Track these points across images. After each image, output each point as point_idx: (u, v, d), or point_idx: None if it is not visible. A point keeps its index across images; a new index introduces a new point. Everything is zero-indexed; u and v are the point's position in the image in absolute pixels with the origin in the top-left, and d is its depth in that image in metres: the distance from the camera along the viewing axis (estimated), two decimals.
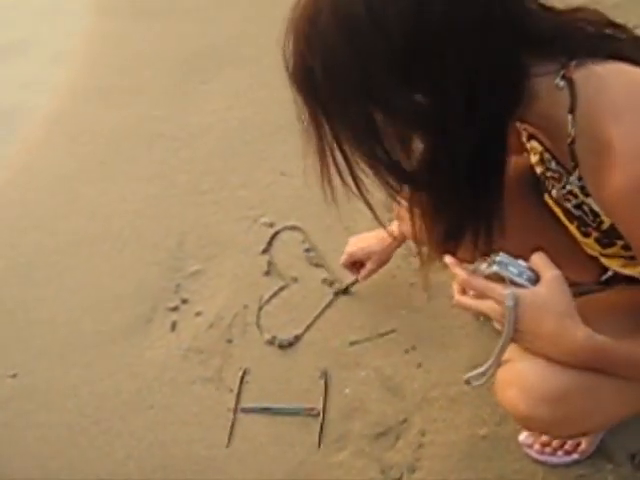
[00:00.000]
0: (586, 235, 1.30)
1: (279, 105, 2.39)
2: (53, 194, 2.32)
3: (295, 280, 1.95)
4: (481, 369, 1.22)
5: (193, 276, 2.01)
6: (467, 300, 1.20)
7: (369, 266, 1.86)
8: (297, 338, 1.84)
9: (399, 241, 1.79)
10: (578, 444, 1.56)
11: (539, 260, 1.15)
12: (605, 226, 1.22)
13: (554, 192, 1.28)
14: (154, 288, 2.01)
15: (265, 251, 2.01)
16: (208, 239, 2.08)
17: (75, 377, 1.89)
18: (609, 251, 1.30)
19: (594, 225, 1.25)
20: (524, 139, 1.31)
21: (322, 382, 1.75)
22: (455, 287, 1.22)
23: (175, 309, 1.95)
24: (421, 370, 1.73)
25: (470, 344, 1.74)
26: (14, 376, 1.91)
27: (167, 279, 2.02)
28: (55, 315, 2.02)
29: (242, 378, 1.79)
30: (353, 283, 1.93)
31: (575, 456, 1.57)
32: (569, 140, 1.09)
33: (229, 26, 2.79)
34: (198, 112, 2.47)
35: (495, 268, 1.15)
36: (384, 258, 1.86)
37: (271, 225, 2.07)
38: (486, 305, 1.17)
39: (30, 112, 2.65)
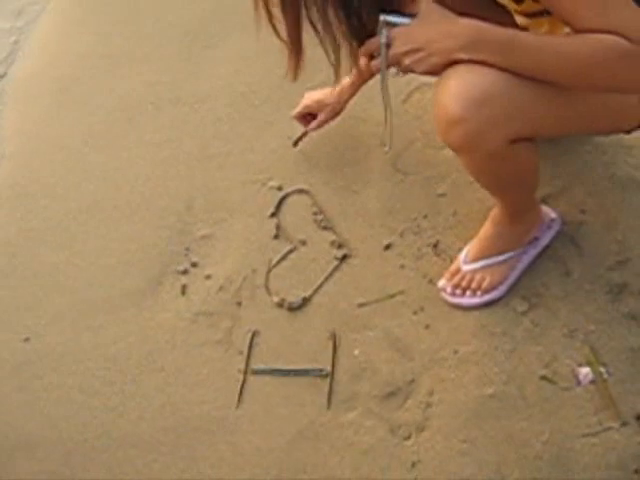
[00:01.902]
0: None
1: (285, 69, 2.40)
2: (62, 161, 2.33)
3: (303, 243, 1.96)
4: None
5: (202, 240, 2.02)
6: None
7: (321, 117, 2.02)
8: (306, 300, 1.85)
9: (351, 90, 1.97)
10: (481, 284, 1.73)
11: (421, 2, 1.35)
12: None
13: None
14: (163, 252, 2.02)
15: (273, 214, 2.02)
16: (216, 203, 2.09)
17: (87, 341, 1.91)
18: (524, 6, 1.46)
19: None
20: None
21: (331, 343, 1.77)
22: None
23: (185, 272, 1.96)
24: (429, 331, 1.75)
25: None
26: (27, 340, 1.94)
27: (176, 243, 2.03)
28: (66, 280, 2.04)
29: (251, 340, 1.81)
30: (303, 135, 2.08)
31: (482, 297, 1.74)
32: None
33: None
34: (205, 77, 2.46)
35: (380, 24, 1.35)
36: (337, 108, 2.01)
37: (279, 188, 2.07)
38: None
39: (38, 79, 2.65)
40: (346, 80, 1.94)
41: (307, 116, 2.07)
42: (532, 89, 1.34)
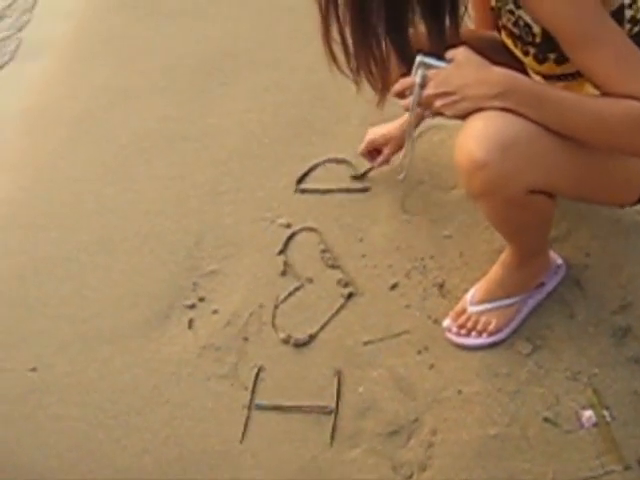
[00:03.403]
0: (526, 54, 1.51)
1: (296, 108, 2.44)
2: (75, 193, 2.36)
3: (310, 281, 1.98)
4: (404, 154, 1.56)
5: (210, 275, 2.04)
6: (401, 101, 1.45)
7: (386, 151, 2.06)
8: (312, 337, 1.86)
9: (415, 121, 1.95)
10: (487, 326, 1.75)
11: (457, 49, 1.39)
12: (538, 39, 1.44)
13: (504, 19, 1.51)
14: (172, 286, 2.04)
15: (281, 252, 2.04)
16: (225, 239, 2.11)
17: (94, 372, 1.92)
18: (544, 68, 1.51)
19: (530, 40, 1.47)
20: None
21: (335, 381, 1.78)
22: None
23: (192, 307, 1.98)
24: (433, 371, 1.76)
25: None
26: (34, 370, 1.95)
27: (185, 277, 2.05)
28: (75, 311, 2.05)
29: (257, 375, 1.82)
30: (370, 170, 2.12)
31: (487, 338, 1.75)
32: None
33: (248, 30, 2.82)
34: (217, 114, 2.50)
35: (416, 64, 1.39)
36: (401, 143, 1.97)
37: (288, 226, 2.10)
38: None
39: (54, 112, 2.69)
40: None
41: (372, 152, 2.11)
42: (556, 144, 1.38)
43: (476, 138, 1.36)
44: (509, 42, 1.56)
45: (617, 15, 1.37)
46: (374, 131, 2.10)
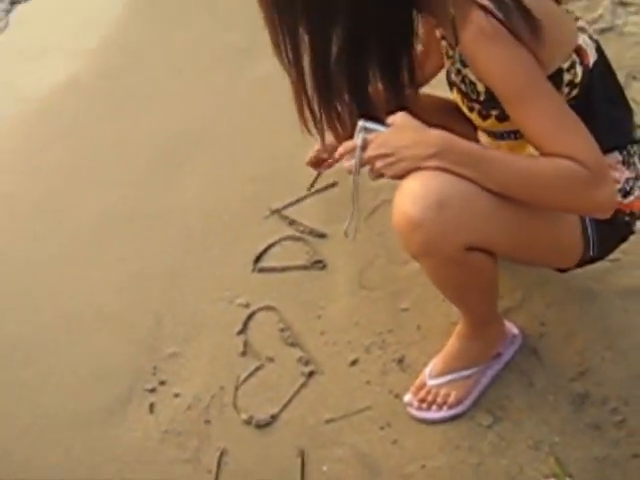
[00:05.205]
0: (471, 110, 1.58)
1: (254, 186, 2.47)
2: (34, 274, 2.35)
3: (271, 360, 1.98)
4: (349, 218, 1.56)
5: (170, 357, 2.03)
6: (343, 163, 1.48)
7: (330, 160, 2.03)
8: (274, 417, 1.86)
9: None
10: (447, 399, 1.76)
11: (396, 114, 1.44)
12: (482, 97, 1.51)
13: (452, 76, 1.58)
14: (132, 369, 2.03)
15: (241, 332, 2.04)
16: (185, 319, 2.12)
17: (55, 458, 1.89)
18: (488, 124, 1.57)
19: (474, 97, 1.53)
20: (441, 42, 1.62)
21: (299, 460, 1.77)
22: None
23: (153, 390, 1.97)
24: (396, 446, 1.76)
25: None
26: None
27: (145, 360, 2.04)
28: (34, 396, 2.03)
29: (220, 459, 1.81)
30: (316, 178, 2.23)
31: (448, 411, 1.76)
32: (450, 18, 1.39)
33: (203, 109, 2.86)
34: (175, 192, 2.52)
35: (357, 129, 1.44)
36: None
37: (247, 306, 2.10)
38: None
39: (11, 194, 2.69)
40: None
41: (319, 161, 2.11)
42: (492, 202, 1.42)
43: (411, 197, 1.39)
44: (458, 98, 1.62)
45: (555, 78, 1.42)
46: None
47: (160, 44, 3.30)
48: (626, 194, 1.57)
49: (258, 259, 2.22)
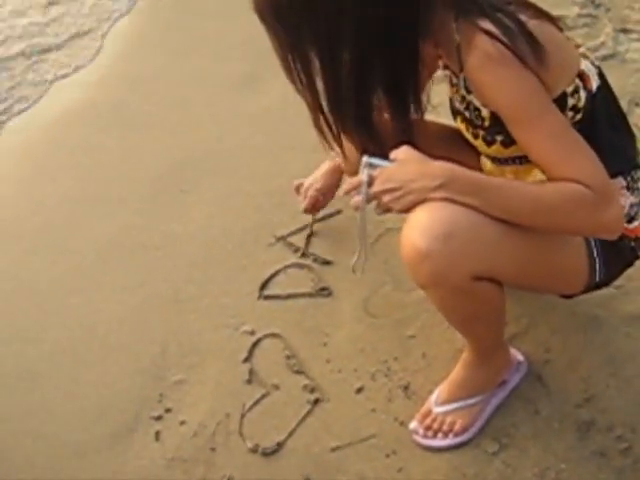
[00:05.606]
0: (476, 137, 1.60)
1: (258, 213, 2.49)
2: (37, 304, 2.35)
3: (276, 387, 1.98)
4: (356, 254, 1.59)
5: (176, 385, 2.03)
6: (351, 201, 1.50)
7: (322, 202, 2.25)
8: (279, 445, 1.85)
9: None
10: (453, 426, 1.76)
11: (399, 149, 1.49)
12: (486, 122, 1.53)
13: (457, 104, 1.62)
14: (138, 397, 2.03)
15: (246, 359, 2.04)
16: (190, 348, 2.12)
17: None
18: (493, 150, 1.59)
19: (479, 123, 1.55)
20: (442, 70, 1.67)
21: None
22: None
23: (159, 418, 1.96)
24: (402, 474, 1.75)
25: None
26: None
27: (150, 388, 2.04)
28: (38, 425, 2.02)
29: None
30: (313, 223, 2.35)
31: (454, 439, 1.76)
32: (455, 44, 1.43)
33: (207, 138, 2.88)
34: (178, 221, 2.54)
35: (362, 165, 1.47)
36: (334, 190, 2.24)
37: (252, 333, 2.11)
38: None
39: (15, 223, 2.70)
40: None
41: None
42: (499, 230, 1.44)
43: (419, 229, 1.41)
44: (462, 126, 1.64)
45: (559, 102, 1.44)
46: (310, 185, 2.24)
47: (165, 74, 3.34)
48: (631, 219, 1.58)
49: (263, 286, 2.23)
